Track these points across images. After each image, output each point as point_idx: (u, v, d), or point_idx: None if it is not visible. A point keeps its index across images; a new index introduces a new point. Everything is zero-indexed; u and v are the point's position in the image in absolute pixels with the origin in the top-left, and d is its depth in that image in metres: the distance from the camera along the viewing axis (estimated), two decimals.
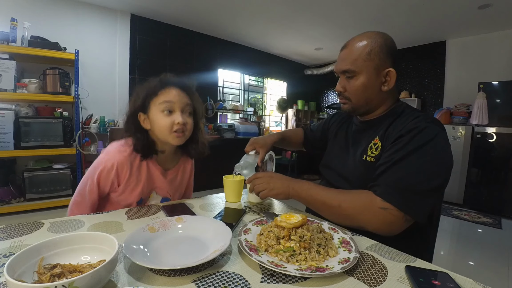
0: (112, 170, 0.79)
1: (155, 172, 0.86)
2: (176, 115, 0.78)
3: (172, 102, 0.78)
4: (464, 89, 3.65)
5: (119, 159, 0.79)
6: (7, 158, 2.47)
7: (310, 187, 0.75)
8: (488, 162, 3.16)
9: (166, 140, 0.80)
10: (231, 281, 0.45)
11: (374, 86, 0.76)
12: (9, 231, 0.62)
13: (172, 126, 0.77)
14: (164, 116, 0.77)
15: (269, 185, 0.77)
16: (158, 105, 0.78)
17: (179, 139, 0.80)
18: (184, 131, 0.79)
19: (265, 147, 0.95)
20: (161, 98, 0.78)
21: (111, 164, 0.78)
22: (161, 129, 0.78)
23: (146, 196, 0.87)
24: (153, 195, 0.88)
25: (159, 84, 0.80)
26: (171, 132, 0.78)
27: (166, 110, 0.77)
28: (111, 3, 3.02)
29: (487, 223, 2.77)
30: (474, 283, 0.46)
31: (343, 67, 0.77)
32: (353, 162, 0.82)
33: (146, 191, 0.85)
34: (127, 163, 0.80)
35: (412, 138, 0.67)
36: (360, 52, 0.74)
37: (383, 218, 0.64)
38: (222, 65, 4.21)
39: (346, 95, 0.80)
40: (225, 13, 3.23)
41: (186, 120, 0.80)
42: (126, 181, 0.81)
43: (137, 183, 0.83)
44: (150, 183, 0.86)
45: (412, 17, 3.15)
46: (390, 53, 0.75)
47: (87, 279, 0.36)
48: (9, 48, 2.31)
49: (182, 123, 0.78)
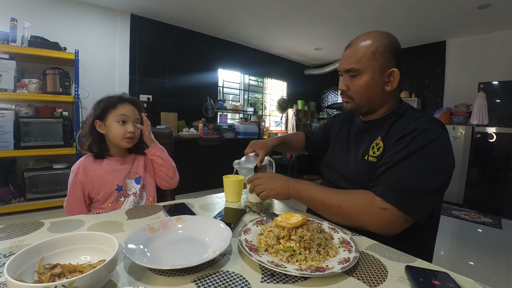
0: (79, 171, 0.95)
1: (117, 163, 1.03)
2: (128, 125, 0.98)
3: (126, 115, 0.98)
4: (464, 89, 3.65)
5: (84, 162, 0.97)
6: (7, 158, 2.47)
7: (310, 187, 0.75)
8: (488, 162, 3.16)
9: (118, 144, 0.99)
10: (231, 281, 0.45)
11: (378, 85, 0.76)
12: (9, 231, 0.62)
13: (125, 134, 0.97)
14: (119, 125, 0.97)
15: (269, 185, 0.77)
16: (116, 116, 0.97)
17: (129, 143, 0.99)
18: (133, 138, 1.00)
19: (265, 149, 0.96)
20: (118, 111, 0.97)
21: (78, 166, 0.96)
22: (115, 135, 0.97)
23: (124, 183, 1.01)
24: (127, 181, 1.03)
25: (118, 100, 0.99)
26: (123, 139, 0.97)
27: (121, 121, 0.97)
28: (111, 3, 3.02)
29: (487, 223, 2.77)
30: (474, 283, 0.46)
31: (347, 66, 0.77)
32: (354, 162, 0.82)
33: (120, 179, 1.00)
34: (90, 164, 0.97)
35: (413, 139, 0.67)
36: (365, 51, 0.74)
37: (383, 218, 0.64)
38: (222, 65, 4.20)
39: (349, 94, 0.80)
40: (225, 13, 3.23)
41: (135, 130, 1.00)
42: (99, 178, 0.96)
43: (107, 177, 0.98)
44: (120, 173, 1.01)
45: (412, 17, 3.15)
46: (394, 53, 0.75)
47: (87, 279, 0.36)
48: (9, 48, 2.31)
49: (132, 132, 0.98)
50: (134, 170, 1.06)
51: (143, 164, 1.09)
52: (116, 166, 1.02)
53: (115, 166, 1.01)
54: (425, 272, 0.47)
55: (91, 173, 0.96)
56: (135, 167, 1.06)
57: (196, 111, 3.94)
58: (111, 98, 1.00)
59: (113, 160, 1.02)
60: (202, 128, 3.68)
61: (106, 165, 1.00)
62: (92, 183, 0.96)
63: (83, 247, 0.49)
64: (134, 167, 1.06)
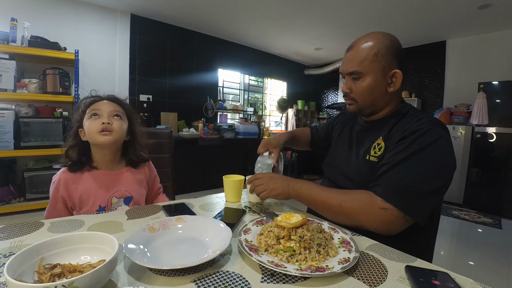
0: (59, 186, 0.86)
1: (103, 177, 0.90)
2: (102, 118, 0.85)
3: (99, 109, 0.86)
4: (464, 89, 3.65)
5: (65, 176, 0.87)
6: (7, 158, 2.47)
7: (310, 187, 0.75)
8: (488, 162, 3.16)
9: (97, 141, 0.85)
10: (231, 281, 0.45)
11: (381, 87, 0.76)
12: (9, 231, 0.62)
13: (98, 127, 0.84)
14: (92, 120, 0.85)
15: (269, 185, 0.77)
16: (88, 114, 0.86)
17: (106, 137, 0.84)
18: (110, 130, 0.85)
19: (278, 147, 0.96)
20: (91, 109, 0.86)
21: (58, 179, 0.87)
22: (89, 131, 0.84)
23: (108, 203, 0.89)
24: (114, 201, 0.90)
25: (92, 99, 0.89)
26: (98, 132, 0.84)
27: (93, 115, 0.85)
28: (111, 3, 3.02)
29: (487, 223, 2.77)
30: (474, 283, 0.46)
31: (350, 69, 0.77)
32: (356, 161, 0.83)
33: (103, 199, 0.88)
34: (72, 178, 0.87)
35: (415, 140, 0.67)
36: (367, 53, 0.74)
37: (383, 218, 0.64)
38: (222, 65, 4.20)
39: (352, 96, 0.80)
40: (225, 13, 3.23)
41: (111, 121, 0.86)
42: (80, 196, 0.86)
43: (87, 195, 0.87)
44: (104, 190, 0.89)
45: (412, 17, 3.15)
46: (396, 54, 0.75)
47: (87, 279, 0.36)
48: (9, 48, 2.31)
49: (107, 123, 0.84)
50: (125, 187, 0.91)
51: (138, 179, 0.95)
52: (101, 181, 0.88)
53: (99, 182, 0.88)
54: (425, 272, 0.47)
55: (72, 187, 0.86)
56: (125, 184, 0.92)
57: (196, 111, 3.94)
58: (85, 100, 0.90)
59: (99, 174, 0.89)
60: (202, 128, 3.68)
61: (88, 179, 0.87)
62: (73, 200, 0.86)
63: (83, 247, 0.49)
64: (125, 183, 0.92)
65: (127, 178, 0.94)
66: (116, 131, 0.87)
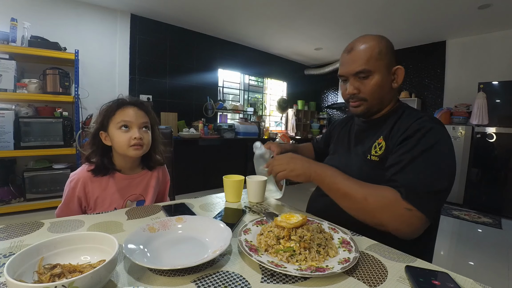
0: (77, 185, 0.86)
1: (122, 181, 0.91)
2: (133, 131, 0.86)
3: (128, 120, 0.86)
4: (464, 89, 3.65)
5: (83, 176, 0.87)
6: (7, 158, 2.47)
7: (334, 174, 0.72)
8: (488, 162, 3.16)
9: (126, 153, 0.87)
10: (231, 281, 0.45)
11: (387, 84, 0.78)
12: (9, 231, 0.62)
13: (130, 141, 0.85)
14: (122, 132, 0.85)
15: (289, 165, 0.74)
16: (116, 123, 0.86)
17: (137, 151, 0.87)
18: (141, 145, 0.87)
19: (280, 147, 0.96)
20: (118, 117, 0.86)
21: (76, 179, 0.86)
22: (119, 144, 0.86)
23: (122, 206, 0.91)
24: (128, 203, 0.92)
25: (116, 105, 0.88)
26: (129, 146, 0.85)
27: (122, 127, 0.85)
28: (111, 3, 3.02)
29: (487, 223, 2.77)
30: (474, 283, 0.46)
31: (357, 68, 0.76)
32: (356, 161, 0.83)
33: (119, 202, 0.90)
34: (91, 179, 0.87)
35: (421, 138, 0.68)
36: (371, 52, 0.75)
37: (406, 219, 0.63)
38: (222, 65, 4.20)
39: (361, 96, 0.79)
40: (225, 13, 3.23)
41: (142, 135, 0.87)
42: (96, 198, 0.87)
43: (104, 197, 0.88)
44: (121, 194, 0.91)
45: (412, 17, 3.15)
46: (394, 52, 0.79)
47: (87, 279, 0.36)
48: (9, 48, 2.31)
49: (138, 138, 0.86)
50: (140, 191, 0.94)
51: (152, 183, 0.97)
52: (119, 185, 0.90)
53: (117, 185, 0.90)
54: (425, 272, 0.47)
55: (90, 188, 0.87)
56: (140, 188, 0.95)
57: (196, 111, 3.94)
58: (110, 103, 0.89)
59: (117, 178, 0.90)
60: (202, 128, 3.68)
61: (107, 183, 0.89)
62: (89, 201, 0.88)
63: (83, 247, 0.49)
64: (140, 187, 0.95)
65: (142, 181, 0.96)
66: (146, 145, 0.90)
